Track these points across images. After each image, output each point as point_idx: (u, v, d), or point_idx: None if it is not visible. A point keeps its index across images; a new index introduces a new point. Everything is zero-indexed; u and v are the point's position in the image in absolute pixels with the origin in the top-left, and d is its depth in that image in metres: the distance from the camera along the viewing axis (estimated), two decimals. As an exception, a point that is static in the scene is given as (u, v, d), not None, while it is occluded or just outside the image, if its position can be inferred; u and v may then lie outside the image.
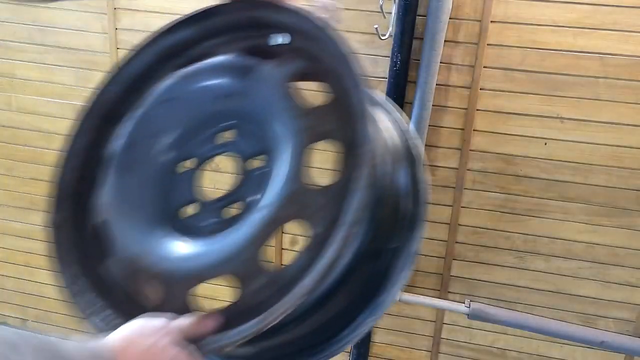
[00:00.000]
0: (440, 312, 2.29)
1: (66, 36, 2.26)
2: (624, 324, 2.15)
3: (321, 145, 0.79)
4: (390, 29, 1.11)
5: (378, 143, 0.87)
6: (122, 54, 2.23)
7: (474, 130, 2.01)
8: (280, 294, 0.71)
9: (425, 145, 2.00)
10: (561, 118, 1.94)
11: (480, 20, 1.89)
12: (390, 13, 1.85)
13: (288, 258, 2.32)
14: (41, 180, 2.51)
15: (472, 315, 2.08)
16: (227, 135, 0.92)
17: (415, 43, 1.92)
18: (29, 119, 2.42)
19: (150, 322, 0.68)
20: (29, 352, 0.52)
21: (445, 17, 1.83)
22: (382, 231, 0.89)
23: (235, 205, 0.88)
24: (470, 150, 2.04)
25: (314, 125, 0.79)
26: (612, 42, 1.83)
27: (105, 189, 0.90)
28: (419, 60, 1.92)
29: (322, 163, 1.01)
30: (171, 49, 0.94)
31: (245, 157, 0.91)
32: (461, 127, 2.02)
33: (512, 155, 2.01)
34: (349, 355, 2.40)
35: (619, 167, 1.96)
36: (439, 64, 1.90)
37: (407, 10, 1.84)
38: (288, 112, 0.81)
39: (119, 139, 0.91)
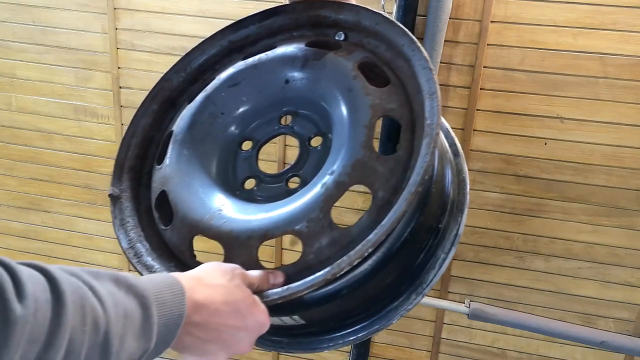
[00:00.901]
0: (440, 312, 2.29)
1: (66, 36, 2.26)
2: (624, 324, 2.15)
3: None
4: None
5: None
6: (122, 54, 2.23)
7: (474, 130, 2.01)
8: (341, 253, 0.75)
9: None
10: (561, 118, 1.94)
11: (480, 20, 1.89)
12: (392, 13, 1.85)
13: (287, 258, 2.32)
14: (41, 180, 2.51)
15: (472, 315, 2.08)
16: (286, 119, 0.99)
17: (415, 43, 1.92)
18: (29, 119, 2.42)
19: (222, 265, 0.70)
20: (107, 279, 0.54)
21: (445, 17, 1.83)
22: (432, 210, 0.94)
23: (296, 179, 0.95)
24: (470, 150, 2.04)
25: (381, 102, 0.86)
26: (612, 42, 1.83)
27: (166, 163, 0.97)
28: (419, 60, 1.91)
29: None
30: (234, 44, 1.01)
31: (304, 138, 0.97)
32: (461, 127, 2.02)
33: (512, 155, 2.01)
34: (349, 355, 2.40)
35: (619, 167, 1.96)
36: (439, 64, 1.90)
37: (407, 10, 1.83)
38: (358, 90, 0.88)
39: (181, 120, 0.98)
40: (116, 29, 2.20)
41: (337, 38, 0.94)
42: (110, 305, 0.51)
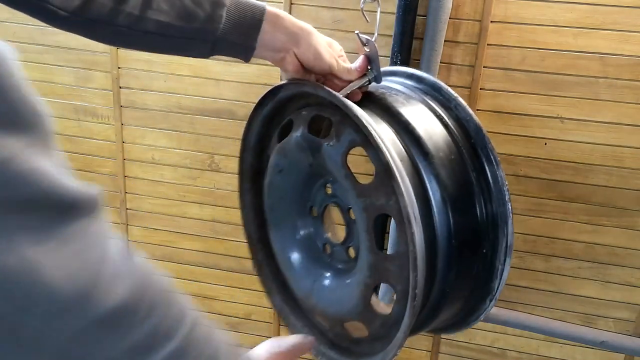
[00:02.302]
0: (440, 312, 2.29)
1: (66, 36, 2.25)
2: (624, 324, 2.15)
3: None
4: (376, 34, 1.12)
5: (441, 170, 1.02)
6: (122, 54, 2.23)
7: (474, 130, 2.01)
8: (394, 329, 0.91)
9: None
10: (561, 118, 1.94)
11: (480, 20, 1.89)
12: (375, 12, 1.85)
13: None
14: (41, 180, 2.50)
15: (472, 315, 2.07)
16: (329, 188, 1.12)
17: (415, 43, 1.92)
18: (29, 119, 2.42)
19: (283, 342, 0.82)
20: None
21: (445, 17, 1.83)
22: (468, 254, 1.01)
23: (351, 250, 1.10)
24: (470, 150, 2.03)
25: (371, 202, 0.93)
26: (612, 42, 1.83)
27: (272, 241, 1.15)
28: (419, 60, 1.91)
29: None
30: (269, 113, 1.14)
31: (344, 209, 1.08)
32: (461, 127, 2.02)
33: (512, 155, 2.01)
34: (349, 355, 2.40)
35: (619, 167, 1.96)
36: (439, 64, 1.90)
37: (407, 10, 1.84)
38: (351, 191, 0.96)
39: (264, 202, 1.15)
40: (116, 29, 2.20)
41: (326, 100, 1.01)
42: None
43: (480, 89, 1.96)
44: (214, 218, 2.38)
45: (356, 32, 1.06)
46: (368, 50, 1.12)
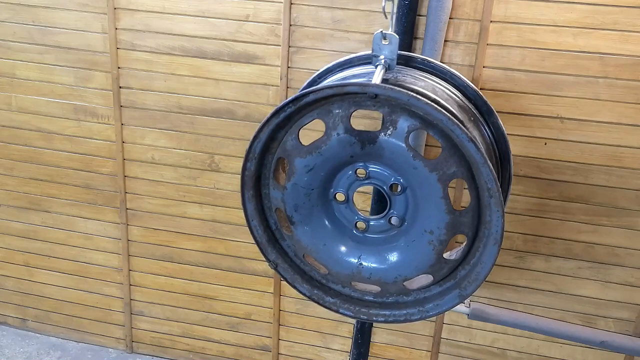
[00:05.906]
0: (440, 312, 2.29)
1: (66, 36, 2.26)
2: (624, 324, 2.15)
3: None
4: (390, 29, 1.22)
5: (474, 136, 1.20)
6: (122, 54, 2.23)
7: (474, 130, 2.01)
8: (455, 271, 1.21)
9: (426, 145, 2.00)
10: (561, 118, 1.94)
11: (480, 20, 1.89)
12: (390, 12, 1.85)
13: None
14: (41, 180, 2.51)
15: (472, 315, 2.08)
16: (361, 172, 1.25)
17: (415, 43, 1.92)
18: (29, 119, 2.42)
19: None
20: None
21: (445, 17, 1.83)
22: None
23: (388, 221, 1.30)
24: (470, 150, 2.03)
25: (444, 172, 1.11)
26: (612, 42, 1.83)
27: (297, 235, 1.29)
28: (419, 60, 1.92)
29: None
30: (278, 125, 1.24)
31: (384, 187, 1.23)
32: (461, 127, 2.02)
33: (512, 155, 2.01)
34: (349, 355, 2.40)
35: (619, 167, 1.96)
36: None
37: (407, 10, 1.84)
38: (421, 169, 1.11)
39: (287, 205, 1.28)
40: (116, 29, 2.20)
41: (370, 95, 1.11)
42: None
43: (480, 88, 1.96)
44: (214, 218, 2.38)
45: (380, 30, 1.19)
46: (387, 43, 1.24)
